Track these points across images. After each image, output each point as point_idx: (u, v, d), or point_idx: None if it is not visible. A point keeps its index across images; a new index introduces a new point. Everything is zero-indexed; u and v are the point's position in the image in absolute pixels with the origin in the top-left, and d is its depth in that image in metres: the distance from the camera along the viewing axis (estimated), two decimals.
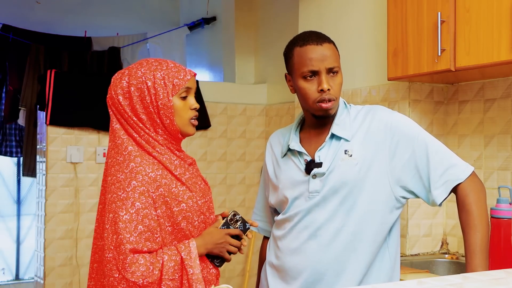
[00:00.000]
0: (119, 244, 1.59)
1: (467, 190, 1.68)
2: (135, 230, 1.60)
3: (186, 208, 1.69)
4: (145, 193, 1.63)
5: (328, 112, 1.74)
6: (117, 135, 1.73)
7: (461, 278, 1.28)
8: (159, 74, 1.70)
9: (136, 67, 1.73)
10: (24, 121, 4.78)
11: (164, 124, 1.71)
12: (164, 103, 1.69)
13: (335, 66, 1.72)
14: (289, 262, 1.77)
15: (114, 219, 1.61)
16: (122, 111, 1.71)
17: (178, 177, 1.71)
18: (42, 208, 3.81)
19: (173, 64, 1.75)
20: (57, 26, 5.38)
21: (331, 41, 1.77)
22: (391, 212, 1.75)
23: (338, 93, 1.74)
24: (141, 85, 1.70)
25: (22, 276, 5.57)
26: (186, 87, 1.73)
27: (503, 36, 2.08)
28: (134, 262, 1.58)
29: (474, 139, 2.65)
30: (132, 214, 1.60)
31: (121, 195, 1.63)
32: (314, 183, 1.74)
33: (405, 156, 1.72)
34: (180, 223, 1.68)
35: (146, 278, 1.58)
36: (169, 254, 1.62)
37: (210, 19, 5.19)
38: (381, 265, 1.75)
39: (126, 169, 1.66)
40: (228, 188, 4.31)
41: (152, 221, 1.62)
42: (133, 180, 1.64)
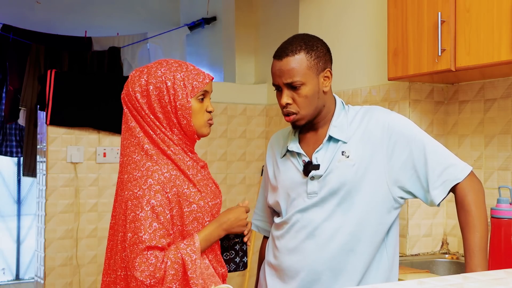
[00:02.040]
0: (134, 243, 1.63)
1: (465, 190, 1.68)
2: (150, 227, 1.62)
3: (197, 209, 1.72)
4: (161, 191, 1.66)
5: (295, 125, 1.77)
6: (133, 134, 1.74)
7: (461, 278, 1.28)
8: (179, 75, 1.73)
9: (156, 67, 1.75)
10: (24, 121, 4.78)
11: (180, 124, 1.74)
12: (182, 103, 1.72)
13: (294, 81, 1.71)
14: (287, 261, 1.77)
15: (132, 218, 1.65)
16: (140, 108, 1.73)
17: (190, 178, 1.73)
18: (42, 208, 3.81)
19: (192, 66, 1.79)
20: (57, 26, 5.38)
21: (296, 53, 1.72)
22: (389, 212, 1.75)
23: (303, 106, 1.73)
24: (160, 85, 1.72)
25: (22, 276, 5.57)
26: (204, 90, 1.76)
27: (503, 36, 2.08)
28: (144, 261, 1.61)
29: (474, 139, 2.65)
30: (148, 212, 1.63)
31: (137, 193, 1.66)
32: (312, 184, 1.75)
33: (402, 156, 1.73)
34: (189, 224, 1.71)
35: (154, 278, 1.60)
36: (172, 260, 1.63)
37: (210, 19, 5.19)
38: (379, 265, 1.75)
39: (142, 167, 1.69)
40: (228, 188, 4.31)
41: (165, 219, 1.65)
42: (149, 178, 1.67)
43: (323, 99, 1.77)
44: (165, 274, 1.62)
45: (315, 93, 1.73)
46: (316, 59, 1.73)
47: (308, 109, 1.74)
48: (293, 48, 1.73)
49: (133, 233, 1.63)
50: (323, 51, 1.77)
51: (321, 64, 1.75)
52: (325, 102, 1.78)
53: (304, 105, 1.73)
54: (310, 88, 1.72)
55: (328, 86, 1.77)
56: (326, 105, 1.79)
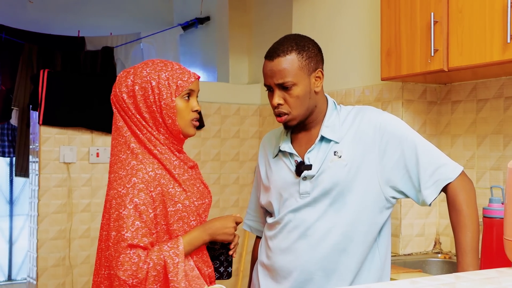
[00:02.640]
0: (117, 241, 1.63)
1: (457, 190, 1.69)
2: (133, 225, 1.63)
3: (182, 208, 1.72)
4: (144, 190, 1.66)
5: (287, 125, 1.77)
6: (120, 133, 1.76)
7: (453, 277, 1.28)
8: (163, 75, 1.74)
9: (142, 67, 1.77)
10: (17, 121, 4.76)
11: (166, 124, 1.75)
12: (167, 103, 1.73)
13: (285, 81, 1.71)
14: (279, 261, 1.77)
15: (115, 217, 1.65)
16: (126, 108, 1.75)
17: (176, 178, 1.74)
18: (35, 209, 3.80)
19: (178, 66, 1.79)
20: (50, 26, 5.36)
21: (287, 53, 1.72)
22: (381, 212, 1.75)
23: (294, 106, 1.73)
24: (145, 84, 1.73)
25: (14, 276, 5.55)
26: (189, 89, 1.77)
27: (495, 36, 2.09)
28: (127, 260, 1.61)
29: (466, 139, 2.66)
30: (130, 210, 1.64)
31: (121, 191, 1.67)
32: (304, 184, 1.75)
33: (394, 156, 1.73)
34: (174, 223, 1.71)
35: (136, 278, 1.61)
36: (155, 262, 1.63)
37: (204, 19, 5.18)
38: (371, 265, 1.76)
39: (127, 166, 1.70)
40: (221, 188, 4.31)
41: (148, 218, 1.65)
42: (133, 177, 1.67)
43: (315, 99, 1.77)
44: (147, 275, 1.61)
45: (307, 94, 1.74)
46: (307, 59, 1.73)
47: (300, 110, 1.74)
48: (284, 49, 1.73)
49: (116, 232, 1.64)
50: (315, 51, 1.77)
51: (312, 65, 1.75)
52: (316, 102, 1.78)
53: (296, 105, 1.73)
54: (301, 88, 1.72)
55: (320, 86, 1.77)
56: (318, 105, 1.79)
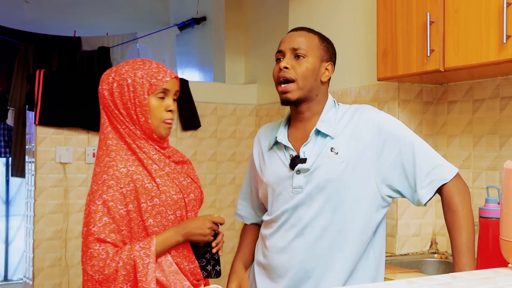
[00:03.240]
0: (86, 236, 1.66)
1: (452, 191, 1.70)
2: (100, 221, 1.65)
3: (159, 202, 1.72)
4: (114, 186, 1.68)
5: (286, 96, 1.77)
6: (101, 130, 1.82)
7: (450, 277, 1.29)
8: (139, 73, 1.77)
9: (122, 65, 1.81)
10: (13, 121, 4.75)
11: (139, 122, 1.77)
12: (140, 100, 1.75)
13: (300, 48, 1.77)
14: (276, 260, 1.77)
15: (87, 212, 1.68)
16: (107, 104, 1.79)
17: (151, 172, 1.74)
18: (31, 209, 3.79)
19: (156, 64, 1.80)
20: (46, 26, 5.35)
21: (311, 32, 1.83)
22: (377, 211, 1.76)
23: (301, 75, 1.76)
24: (122, 82, 1.77)
25: (10, 277, 5.54)
26: (163, 88, 1.78)
27: (492, 36, 2.09)
28: (96, 255, 1.63)
29: (463, 139, 2.67)
30: (99, 206, 1.66)
31: (93, 188, 1.71)
32: (298, 178, 1.75)
33: (391, 155, 1.74)
34: (148, 218, 1.71)
35: (102, 274, 1.62)
36: (125, 261, 1.64)
37: (200, 19, 5.18)
38: (365, 265, 1.76)
39: (101, 163, 1.74)
40: (218, 188, 4.31)
41: (117, 214, 1.67)
42: (104, 173, 1.70)
43: (319, 87, 1.80)
44: (117, 274, 1.62)
45: (314, 72, 1.78)
46: (325, 47, 1.82)
47: (304, 82, 1.76)
48: (310, 29, 1.85)
49: (86, 227, 1.67)
50: (333, 48, 1.87)
51: (327, 55, 1.82)
52: (318, 92, 1.81)
53: (301, 75, 1.76)
54: (311, 64, 1.77)
55: (326, 78, 1.82)
56: (319, 96, 1.81)
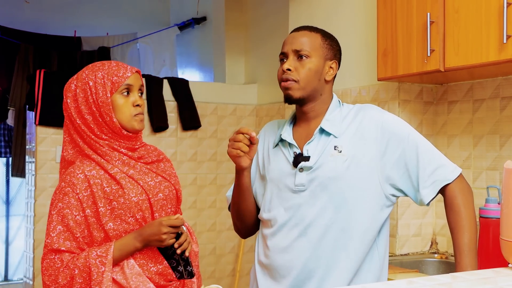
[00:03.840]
0: (44, 247, 1.68)
1: (455, 191, 1.70)
2: (54, 231, 1.67)
3: (117, 206, 1.72)
4: (69, 193, 1.69)
5: (289, 93, 1.77)
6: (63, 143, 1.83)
7: (450, 277, 1.29)
8: (100, 74, 1.77)
9: (83, 70, 1.81)
10: (13, 121, 4.75)
11: (105, 122, 1.76)
12: (103, 100, 1.75)
13: (303, 49, 1.76)
14: (279, 260, 1.77)
15: (47, 224, 1.71)
16: (70, 113, 1.78)
17: (112, 175, 1.74)
18: (31, 209, 3.79)
19: (115, 63, 1.81)
20: (47, 26, 5.35)
21: (314, 31, 1.81)
22: (381, 210, 1.75)
23: (303, 77, 1.75)
24: (84, 86, 1.77)
25: (11, 277, 5.54)
26: (126, 84, 1.78)
27: (492, 36, 2.09)
28: (51, 265, 1.65)
29: (463, 139, 2.67)
30: (53, 215, 1.69)
31: (51, 200, 1.74)
32: (300, 176, 1.74)
33: (395, 154, 1.73)
34: (108, 222, 1.71)
35: (57, 284, 1.64)
36: (81, 269, 1.64)
37: (200, 19, 5.18)
38: (370, 264, 1.76)
39: (63, 173, 1.77)
40: (218, 188, 4.30)
41: (71, 221, 1.68)
42: (62, 181, 1.72)
43: (323, 86, 1.80)
44: (72, 282, 1.63)
45: (318, 72, 1.77)
46: (328, 45, 1.81)
47: (306, 82, 1.76)
48: (312, 28, 1.83)
49: (45, 239, 1.69)
50: (337, 46, 1.85)
51: (331, 53, 1.81)
52: (323, 91, 1.80)
53: (304, 76, 1.76)
54: (314, 64, 1.77)
55: (330, 77, 1.81)
56: (323, 95, 1.81)
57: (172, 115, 4.13)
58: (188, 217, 4.07)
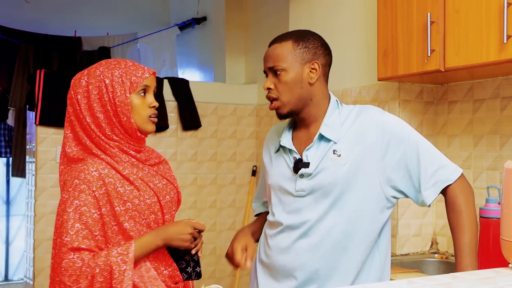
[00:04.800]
0: (59, 247, 1.61)
1: (456, 192, 1.70)
2: (72, 229, 1.61)
3: (131, 207, 1.69)
4: (86, 191, 1.64)
5: (277, 112, 1.78)
6: (65, 139, 1.77)
7: (450, 277, 1.29)
8: (117, 72, 1.72)
9: (95, 67, 1.76)
10: (13, 121, 4.76)
11: (121, 122, 1.72)
12: (121, 100, 1.71)
13: (275, 65, 1.75)
14: (280, 260, 1.77)
15: (59, 223, 1.64)
16: (78, 111, 1.73)
17: (125, 176, 1.71)
18: (32, 209, 3.79)
19: (131, 63, 1.77)
20: (47, 26, 5.35)
21: (283, 40, 1.78)
22: (382, 211, 1.75)
23: (283, 91, 1.75)
24: (99, 83, 1.71)
25: (11, 277, 5.54)
26: (144, 85, 1.75)
27: (492, 36, 2.09)
28: (70, 265, 1.58)
29: (463, 139, 2.67)
30: (70, 213, 1.62)
31: (64, 197, 1.66)
32: (301, 182, 1.75)
33: (396, 156, 1.73)
34: (124, 222, 1.68)
35: (79, 283, 1.58)
36: (101, 267, 1.60)
37: (200, 19, 5.18)
38: (371, 265, 1.76)
39: (74, 170, 1.70)
40: (218, 188, 4.31)
41: (90, 219, 1.63)
42: (75, 178, 1.66)
43: (309, 91, 1.76)
44: (93, 280, 1.59)
45: (297, 82, 1.75)
46: (303, 49, 1.76)
47: (288, 96, 1.75)
48: (283, 37, 1.80)
49: (59, 237, 1.62)
50: (315, 44, 1.78)
51: (308, 55, 1.76)
52: (312, 95, 1.77)
53: (284, 91, 1.75)
54: (291, 76, 1.74)
55: (314, 79, 1.76)
56: (315, 99, 1.78)
57: (172, 115, 4.13)
58: (188, 217, 4.06)
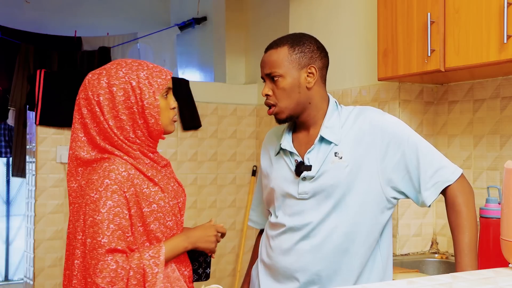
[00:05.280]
0: (93, 248, 1.59)
1: (456, 192, 1.70)
2: (108, 230, 1.59)
3: (157, 208, 1.69)
4: (118, 191, 1.62)
5: (276, 117, 1.79)
6: (83, 146, 1.71)
7: (450, 277, 1.29)
8: (142, 74, 1.70)
9: (116, 67, 1.71)
10: (14, 121, 4.76)
11: (147, 124, 1.70)
12: (150, 102, 1.69)
13: (272, 71, 1.75)
14: (281, 262, 1.77)
15: (90, 223, 1.61)
16: (99, 113, 1.68)
17: (151, 178, 1.71)
18: (32, 209, 3.79)
19: (152, 64, 1.76)
20: (47, 26, 5.35)
21: (280, 46, 1.77)
22: (383, 212, 1.76)
23: (281, 97, 1.75)
24: (124, 85, 1.68)
25: (11, 277, 5.54)
26: (167, 87, 1.75)
27: (492, 36, 2.09)
28: (105, 267, 1.57)
29: (463, 139, 2.67)
30: (104, 214, 1.60)
31: (93, 196, 1.62)
32: (303, 185, 1.75)
33: (395, 157, 1.73)
34: (150, 224, 1.68)
35: (115, 285, 1.57)
36: (135, 270, 1.60)
37: (200, 19, 5.18)
38: (373, 266, 1.76)
39: (99, 169, 1.66)
40: (218, 188, 4.31)
41: (123, 220, 1.62)
42: (106, 178, 1.63)
43: (307, 95, 1.76)
44: (127, 283, 1.58)
45: (295, 87, 1.74)
46: (299, 53, 1.76)
47: (287, 102, 1.75)
48: (278, 42, 1.80)
49: (92, 238, 1.60)
50: (311, 47, 1.78)
51: (304, 60, 1.76)
52: (310, 99, 1.77)
53: (281, 97, 1.75)
54: (288, 81, 1.74)
55: (312, 83, 1.76)
56: (313, 102, 1.78)
57: None
58: (189, 217, 4.06)
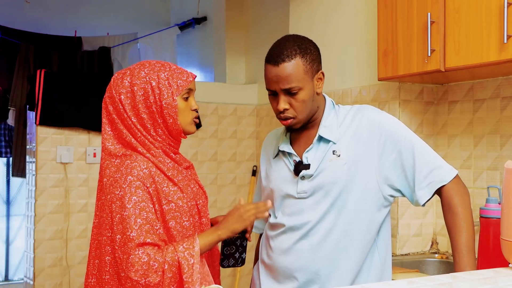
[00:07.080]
0: (124, 243, 1.62)
1: (452, 192, 1.71)
2: (135, 224, 1.62)
3: (175, 208, 1.71)
4: (141, 187, 1.66)
5: (291, 127, 1.78)
6: (109, 139, 1.76)
7: (450, 277, 1.29)
8: (163, 75, 1.74)
9: (139, 68, 1.76)
10: (14, 121, 4.76)
11: (166, 124, 1.74)
12: (168, 102, 1.72)
13: (291, 87, 1.70)
14: (281, 262, 1.78)
15: (118, 219, 1.64)
16: (122, 110, 1.73)
17: (170, 177, 1.73)
18: (32, 209, 3.79)
19: (175, 66, 1.80)
20: (47, 26, 5.35)
21: (292, 58, 1.70)
22: (379, 210, 1.76)
23: (301, 110, 1.73)
24: (145, 85, 1.72)
25: (11, 277, 5.55)
26: (188, 88, 1.77)
27: (492, 36, 2.09)
28: (136, 260, 1.60)
29: (463, 139, 2.67)
30: (130, 209, 1.63)
31: (118, 194, 1.66)
32: (302, 184, 1.76)
33: (392, 156, 1.74)
34: (169, 221, 1.70)
35: (148, 277, 1.59)
36: (170, 263, 1.62)
37: (201, 19, 5.18)
38: (370, 265, 1.77)
39: (121, 167, 1.70)
40: (219, 188, 4.31)
41: (150, 214, 1.65)
42: (128, 175, 1.67)
43: (317, 100, 1.79)
44: (163, 277, 1.60)
45: (311, 97, 1.74)
46: (310, 62, 1.73)
47: (305, 113, 1.75)
48: (288, 53, 1.71)
49: (121, 234, 1.63)
50: (316, 53, 1.77)
51: (315, 67, 1.75)
52: (318, 104, 1.80)
53: (301, 109, 1.73)
54: (306, 92, 1.73)
55: (321, 88, 1.79)
56: (320, 106, 1.81)
57: None
58: None
